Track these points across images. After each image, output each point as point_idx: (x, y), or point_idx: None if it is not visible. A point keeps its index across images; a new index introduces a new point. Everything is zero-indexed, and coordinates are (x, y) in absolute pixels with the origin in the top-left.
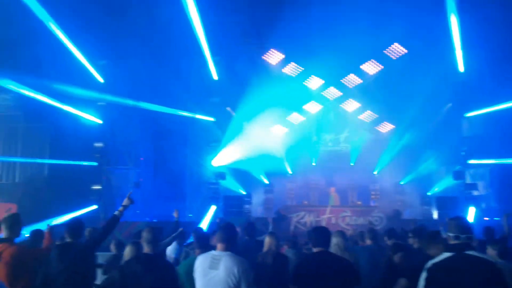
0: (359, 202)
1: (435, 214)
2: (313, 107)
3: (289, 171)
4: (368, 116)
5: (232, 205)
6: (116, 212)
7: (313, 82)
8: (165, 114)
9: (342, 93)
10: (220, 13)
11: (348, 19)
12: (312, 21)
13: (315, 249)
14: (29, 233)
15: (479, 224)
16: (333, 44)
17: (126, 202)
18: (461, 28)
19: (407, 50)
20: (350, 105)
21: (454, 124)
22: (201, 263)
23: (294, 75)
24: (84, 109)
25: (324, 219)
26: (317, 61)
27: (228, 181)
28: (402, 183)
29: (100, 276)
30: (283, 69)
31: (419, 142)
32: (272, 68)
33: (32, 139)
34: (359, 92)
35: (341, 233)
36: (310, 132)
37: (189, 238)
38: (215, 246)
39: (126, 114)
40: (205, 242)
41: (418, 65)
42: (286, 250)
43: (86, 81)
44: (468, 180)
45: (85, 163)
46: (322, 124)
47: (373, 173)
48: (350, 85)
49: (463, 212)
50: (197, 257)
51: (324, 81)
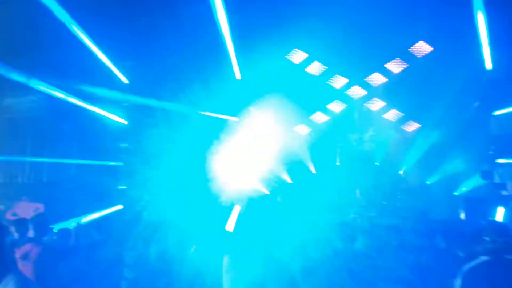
0: (385, 203)
1: (462, 214)
2: (337, 107)
3: (313, 171)
4: (393, 115)
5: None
6: None
7: (337, 81)
8: (189, 114)
9: (366, 92)
10: (245, 13)
11: (372, 17)
12: (336, 20)
13: None
14: (56, 232)
15: (508, 224)
16: (357, 42)
17: None
18: (488, 24)
19: (432, 48)
20: (375, 104)
21: (481, 123)
22: None
23: (318, 74)
24: (109, 110)
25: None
26: (341, 60)
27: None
28: (428, 182)
29: None
30: (306, 68)
31: (446, 141)
32: (295, 67)
33: (59, 139)
34: (384, 91)
35: None
36: (334, 132)
37: None
38: None
39: (151, 114)
40: None
41: (444, 63)
42: None
43: (111, 82)
44: (497, 180)
45: (111, 163)
46: (346, 124)
47: (399, 172)
48: (375, 84)
49: (492, 213)
50: None
51: (348, 80)
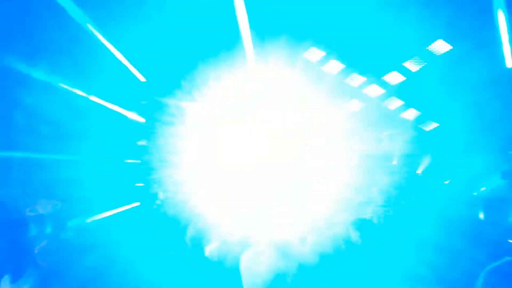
0: (402, 202)
1: (481, 214)
2: (354, 105)
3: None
4: (411, 114)
5: None
6: None
7: (354, 80)
8: (205, 112)
9: (384, 91)
10: (264, 8)
11: (390, 16)
12: (353, 18)
13: None
14: (73, 228)
15: None
16: (375, 40)
17: None
18: (509, 21)
19: (451, 46)
20: (393, 103)
21: (502, 122)
22: None
23: (335, 73)
24: (127, 108)
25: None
26: (358, 58)
27: None
28: (447, 182)
29: None
30: (323, 67)
31: (465, 141)
32: (312, 66)
33: (77, 137)
34: (402, 90)
35: None
36: (351, 131)
37: None
38: None
39: (168, 112)
40: None
41: (463, 61)
42: None
43: (128, 80)
44: None
45: (128, 160)
46: (364, 123)
47: (417, 172)
48: (393, 83)
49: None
50: None
51: (366, 79)
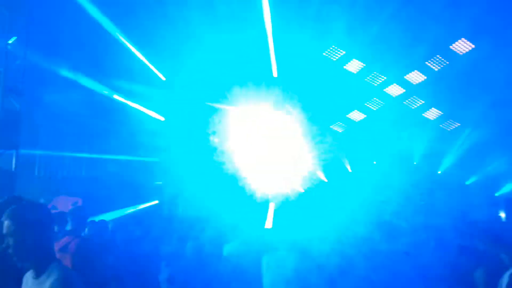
0: (423, 202)
1: (503, 215)
2: (375, 104)
3: (349, 170)
4: (432, 113)
5: None
6: None
7: (375, 79)
8: (226, 110)
9: (405, 90)
10: (288, 9)
11: (411, 14)
12: (374, 17)
13: None
14: (94, 226)
15: None
16: (396, 39)
17: None
18: None
19: (474, 45)
20: (414, 102)
21: None
22: None
23: (356, 72)
24: (147, 107)
25: None
26: (379, 57)
27: None
28: (469, 183)
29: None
30: (344, 66)
31: (487, 141)
32: (333, 64)
33: (98, 135)
34: (423, 89)
35: None
36: (372, 130)
37: None
38: None
39: (187, 111)
40: None
41: (486, 60)
42: None
43: (148, 79)
44: None
45: (147, 159)
46: (384, 122)
47: (438, 172)
48: (414, 82)
49: None
50: None
51: (386, 78)
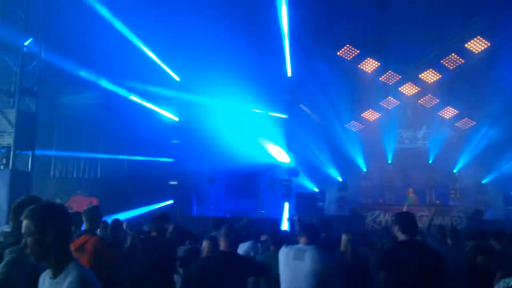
0: (438, 202)
1: None
2: (389, 103)
3: (364, 169)
4: (448, 112)
5: (304, 203)
6: None
7: (390, 78)
8: (238, 111)
9: (420, 89)
10: (301, 11)
11: (426, 13)
12: (389, 16)
13: (403, 236)
14: (109, 225)
15: None
16: (411, 38)
17: None
18: None
19: (489, 43)
20: (429, 101)
21: None
22: (285, 254)
23: (370, 71)
24: (161, 107)
25: None
26: (394, 56)
27: (301, 178)
28: (485, 182)
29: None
30: (359, 65)
31: (503, 139)
32: (347, 64)
33: (113, 136)
34: (438, 88)
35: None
36: (386, 129)
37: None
38: (290, 242)
39: (201, 111)
40: (279, 239)
41: (502, 58)
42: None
43: (163, 80)
44: None
45: (162, 159)
46: (399, 121)
47: (453, 171)
48: (429, 80)
49: None
50: (281, 249)
51: (401, 77)
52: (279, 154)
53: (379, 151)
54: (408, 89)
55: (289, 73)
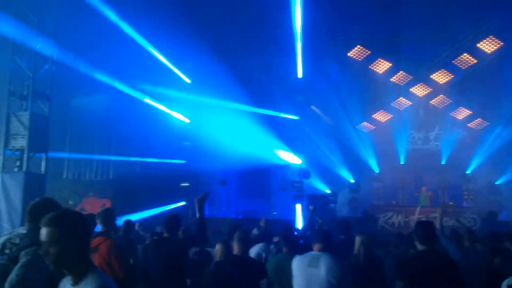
0: (451, 203)
1: None
2: (401, 104)
3: (376, 170)
4: (460, 112)
5: (316, 204)
6: (198, 215)
7: (401, 78)
8: (250, 113)
9: (432, 89)
10: (313, 12)
11: (438, 13)
12: (400, 16)
13: (421, 246)
14: (122, 227)
15: None
16: (423, 38)
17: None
18: None
19: (502, 43)
20: (441, 102)
21: None
22: (299, 262)
23: (381, 72)
24: (173, 109)
25: (413, 219)
26: (405, 56)
27: (313, 180)
28: (498, 183)
29: None
30: (370, 65)
31: None
32: (358, 65)
33: (125, 138)
34: (450, 88)
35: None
36: (398, 130)
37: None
38: (303, 244)
39: (213, 113)
40: (292, 240)
41: None
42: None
43: (174, 82)
44: None
45: (174, 161)
46: (411, 122)
47: (466, 172)
48: (441, 81)
49: None
50: (296, 257)
51: (413, 77)
52: (290, 156)
53: (391, 152)
54: (420, 90)
55: (300, 74)
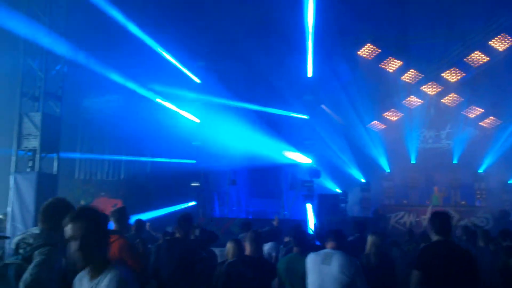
0: (463, 202)
1: None
2: (412, 103)
3: (387, 169)
4: (472, 111)
5: (327, 204)
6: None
7: (412, 77)
8: (260, 112)
9: (443, 88)
10: (322, 11)
11: (449, 11)
12: (410, 14)
13: (436, 237)
14: (133, 226)
15: None
16: (433, 36)
17: None
18: None
19: None
20: (452, 100)
21: None
22: (313, 259)
23: (392, 70)
24: (183, 109)
25: (424, 219)
26: (416, 55)
27: (323, 179)
28: (511, 182)
29: None
30: (380, 64)
31: None
32: (368, 63)
33: (136, 138)
34: (462, 86)
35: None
36: (409, 129)
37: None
38: (314, 244)
39: (222, 112)
40: (303, 240)
41: None
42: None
43: (184, 82)
44: None
45: (184, 161)
46: (422, 120)
47: (478, 171)
48: (452, 79)
49: None
50: (309, 255)
51: (424, 76)
52: (300, 155)
53: (402, 151)
54: (431, 88)
55: (310, 73)
